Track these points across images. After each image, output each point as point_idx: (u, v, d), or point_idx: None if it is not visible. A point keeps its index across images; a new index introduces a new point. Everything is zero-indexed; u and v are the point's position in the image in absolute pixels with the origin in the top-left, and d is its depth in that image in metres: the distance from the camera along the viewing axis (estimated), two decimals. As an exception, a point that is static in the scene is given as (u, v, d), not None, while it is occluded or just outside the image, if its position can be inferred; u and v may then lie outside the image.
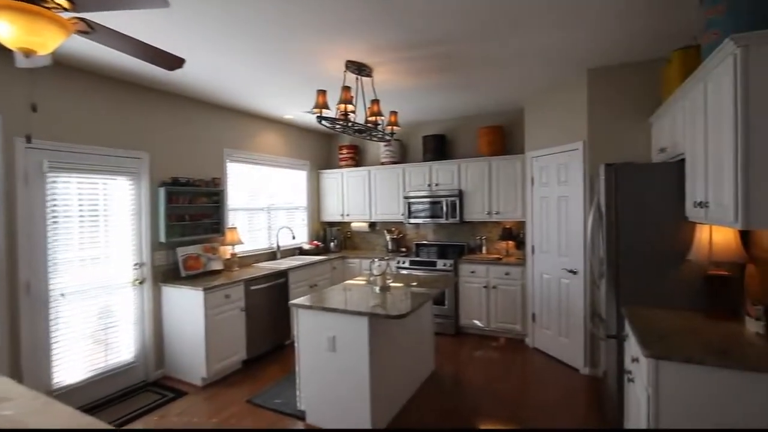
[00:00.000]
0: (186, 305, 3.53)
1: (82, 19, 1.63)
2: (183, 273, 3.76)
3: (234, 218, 4.57)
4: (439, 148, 5.15)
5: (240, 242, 4.35)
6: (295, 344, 2.85)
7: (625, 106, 3.34)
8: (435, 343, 3.90)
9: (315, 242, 5.57)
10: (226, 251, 4.36)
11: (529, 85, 3.86)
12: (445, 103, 4.50)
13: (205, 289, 3.42)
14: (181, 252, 3.82)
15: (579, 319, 3.58)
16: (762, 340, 1.83)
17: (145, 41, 1.93)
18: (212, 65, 3.17)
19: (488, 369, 3.74)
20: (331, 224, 6.15)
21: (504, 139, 4.88)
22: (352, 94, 3.15)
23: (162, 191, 3.67)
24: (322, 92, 2.93)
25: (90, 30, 1.70)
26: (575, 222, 3.60)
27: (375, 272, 3.13)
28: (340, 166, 5.85)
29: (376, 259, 3.14)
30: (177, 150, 3.93)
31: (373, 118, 3.20)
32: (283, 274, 4.37)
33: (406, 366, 3.16)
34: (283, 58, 3.05)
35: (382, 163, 5.50)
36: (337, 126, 3.13)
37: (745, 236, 2.15)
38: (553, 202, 3.89)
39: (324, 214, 5.98)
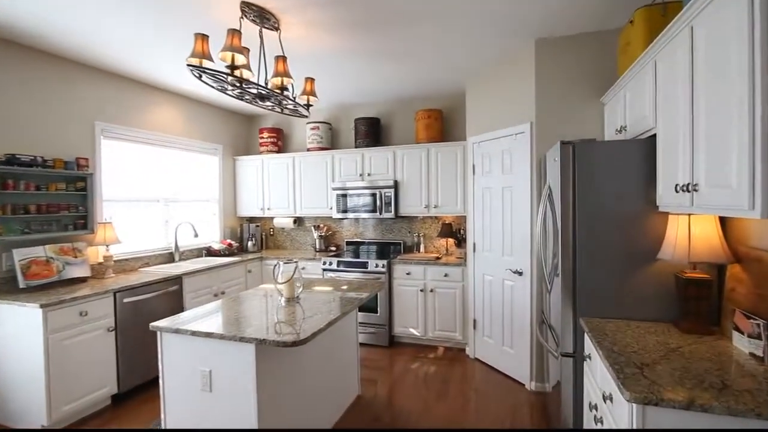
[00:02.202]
0: (21, 328, 2.58)
1: None
2: (22, 283, 2.78)
3: (113, 211, 3.61)
4: (373, 133, 4.52)
5: (116, 241, 3.41)
6: (160, 382, 2.07)
7: (576, 84, 2.92)
8: (364, 359, 3.29)
9: (228, 241, 4.71)
10: (98, 253, 3.40)
11: (471, 58, 3.35)
12: (378, 79, 3.87)
13: (43, 306, 2.49)
14: (21, 255, 2.83)
15: (525, 326, 3.13)
16: (760, 363, 1.40)
17: None
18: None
19: (424, 387, 3.18)
20: (252, 220, 5.31)
21: (444, 124, 4.38)
22: (250, 49, 2.42)
23: (-12, 172, 2.68)
24: (201, 37, 2.15)
25: None
26: (521, 216, 3.15)
27: (280, 279, 2.42)
28: (261, 152, 5.03)
29: (280, 263, 2.44)
30: (17, 118, 2.92)
31: (278, 80, 2.48)
32: (176, 280, 3.50)
33: (320, 396, 2.50)
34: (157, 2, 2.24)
35: (309, 150, 4.76)
36: (229, 88, 2.38)
37: (724, 230, 1.75)
38: (497, 193, 3.42)
39: (241, 208, 5.12)
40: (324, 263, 4.28)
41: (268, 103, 2.71)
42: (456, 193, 4.10)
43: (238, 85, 2.33)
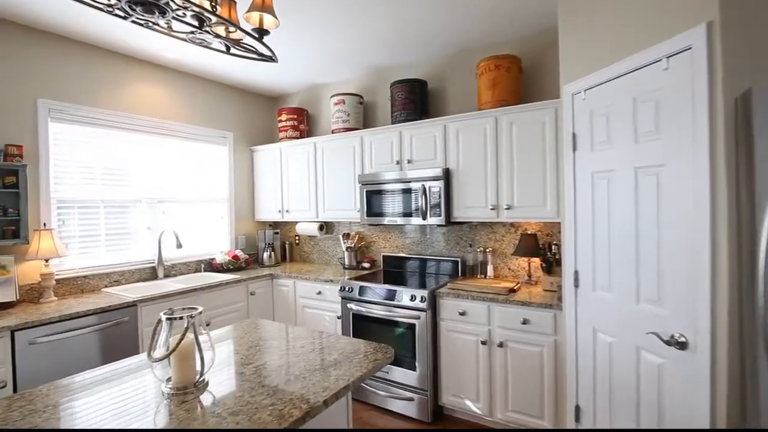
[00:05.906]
0: None
1: None
2: None
3: (69, 214, 2.80)
4: (416, 101, 3.14)
5: (55, 254, 2.54)
6: None
7: None
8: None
9: (235, 252, 3.71)
10: (37, 269, 2.58)
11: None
12: (420, 18, 2.50)
13: None
14: None
15: (693, 456, 1.49)
16: None
17: None
18: None
19: None
20: (275, 225, 4.29)
21: (521, 77, 2.83)
22: None
23: None
24: None
25: None
26: (684, 224, 1.52)
27: (156, 354, 1.21)
28: (281, 140, 3.96)
29: (162, 316, 1.24)
30: None
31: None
32: (128, 309, 2.53)
33: None
34: None
35: (333, 132, 3.56)
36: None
37: None
38: (624, 181, 1.81)
39: (259, 211, 4.12)
40: (342, 289, 3.01)
41: (180, 28, 1.53)
42: (543, 184, 2.54)
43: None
